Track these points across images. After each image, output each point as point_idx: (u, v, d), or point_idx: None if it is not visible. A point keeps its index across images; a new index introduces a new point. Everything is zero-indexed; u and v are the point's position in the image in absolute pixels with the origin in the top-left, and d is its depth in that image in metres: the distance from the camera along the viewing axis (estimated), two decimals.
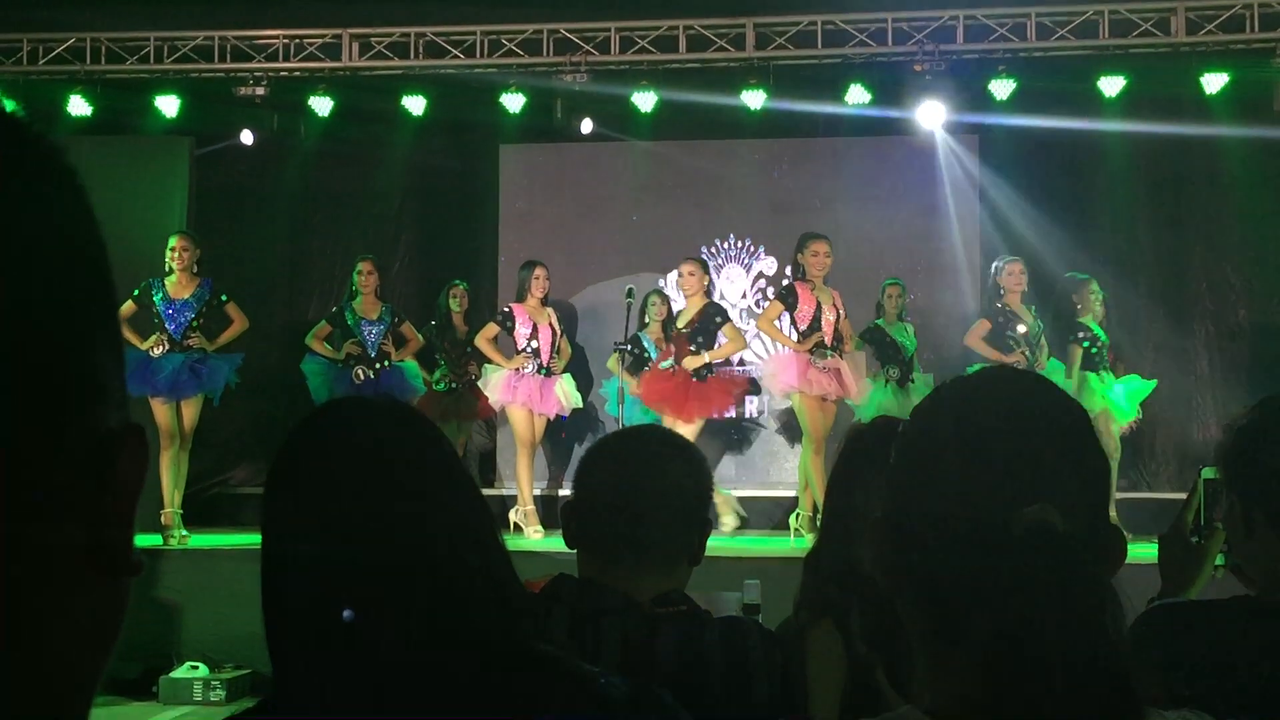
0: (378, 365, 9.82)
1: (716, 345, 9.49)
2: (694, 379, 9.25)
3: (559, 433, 11.00)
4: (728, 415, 10.17)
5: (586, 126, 11.07)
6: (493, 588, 1.52)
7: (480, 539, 1.53)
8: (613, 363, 9.82)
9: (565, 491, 6.94)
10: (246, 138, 11.32)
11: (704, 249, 11.60)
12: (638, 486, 2.24)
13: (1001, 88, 10.18)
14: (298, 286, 12.00)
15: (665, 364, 9.21)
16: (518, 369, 9.54)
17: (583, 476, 2.31)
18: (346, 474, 1.49)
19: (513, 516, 9.62)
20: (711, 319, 9.50)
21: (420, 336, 10.19)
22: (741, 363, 11.43)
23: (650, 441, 2.37)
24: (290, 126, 11.29)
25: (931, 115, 10.59)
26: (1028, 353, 9.28)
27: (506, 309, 9.79)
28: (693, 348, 9.41)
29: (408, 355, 10.06)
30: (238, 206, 11.65)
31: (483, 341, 9.66)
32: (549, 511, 9.90)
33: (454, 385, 10.36)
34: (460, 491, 1.55)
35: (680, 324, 9.41)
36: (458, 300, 10.57)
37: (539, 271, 9.72)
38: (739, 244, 11.62)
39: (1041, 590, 1.16)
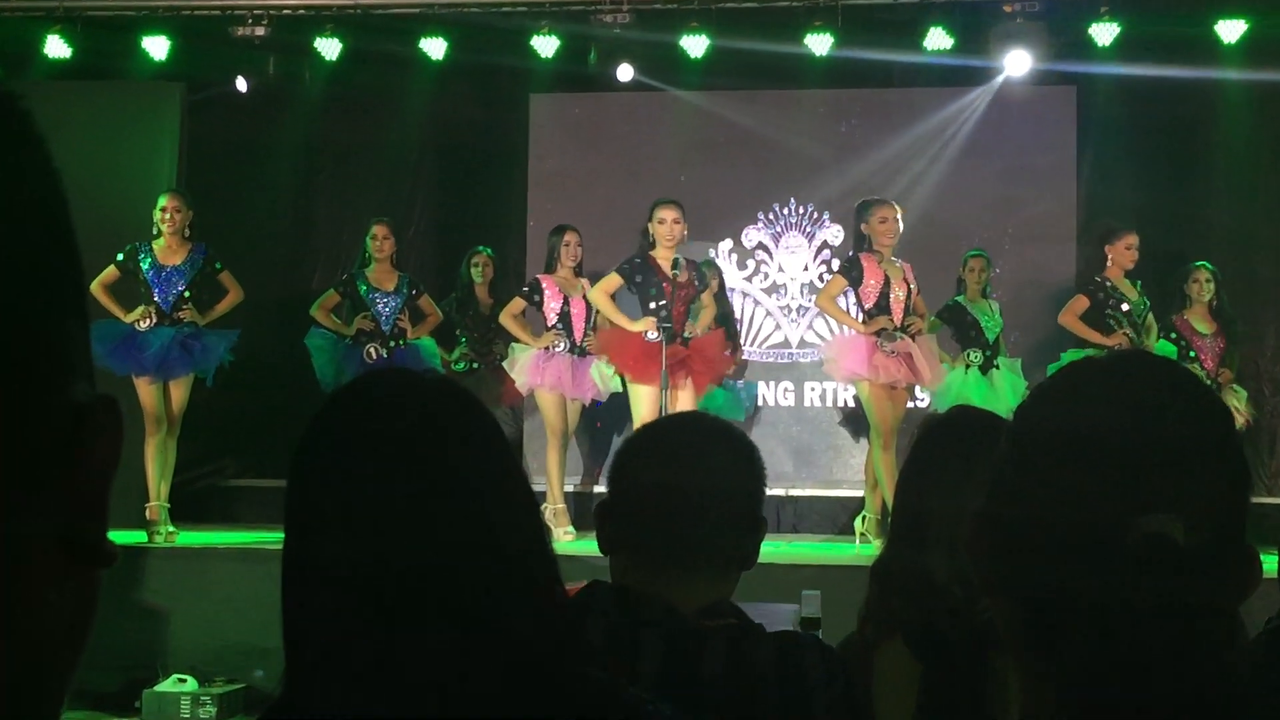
0: (392, 343, 9.86)
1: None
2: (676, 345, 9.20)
3: (594, 421, 10.99)
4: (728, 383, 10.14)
5: (625, 74, 11.06)
6: (536, 599, 1.53)
7: (528, 542, 1.55)
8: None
9: (601, 489, 6.94)
10: (243, 84, 11.38)
11: (760, 214, 11.59)
12: (683, 482, 2.24)
13: (1103, 32, 10.09)
14: (301, 253, 12.07)
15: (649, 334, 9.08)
16: (547, 348, 9.55)
17: (619, 472, 2.31)
18: (388, 459, 1.50)
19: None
20: (701, 274, 9.47)
21: (439, 311, 10.24)
22: (803, 344, 11.41)
23: (696, 430, 2.37)
24: (293, 72, 11.34)
25: (1022, 63, 10.53)
26: (1131, 333, 9.23)
27: (534, 280, 9.82)
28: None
29: (425, 332, 10.09)
30: (234, 162, 11.70)
31: (508, 318, 9.68)
32: (581, 511, 9.92)
33: (475, 366, 10.40)
34: (512, 487, 1.57)
35: (681, 280, 9.33)
36: (481, 270, 10.60)
37: (570, 237, 9.73)
38: (800, 210, 11.61)
39: (1155, 611, 1.15)
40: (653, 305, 9.04)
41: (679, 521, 2.23)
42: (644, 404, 8.78)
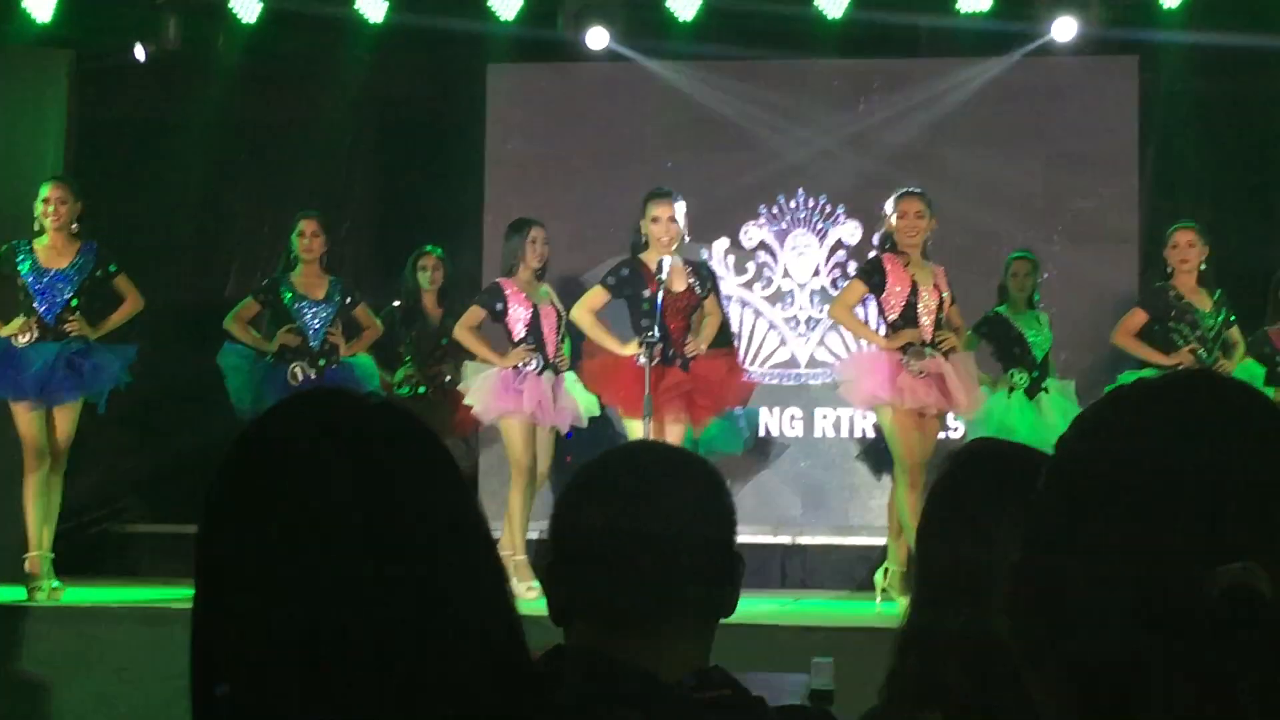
0: (321, 361, 9.87)
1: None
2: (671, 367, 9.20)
3: (563, 455, 11.01)
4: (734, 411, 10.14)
5: (599, 40, 11.10)
6: (495, 666, 1.53)
7: (487, 600, 1.55)
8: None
9: None
10: (142, 52, 11.37)
11: (762, 208, 11.62)
12: (640, 525, 2.24)
13: None
14: (213, 253, 12.07)
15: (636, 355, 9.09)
16: (516, 367, 9.58)
17: (561, 525, 2.31)
18: (319, 501, 1.50)
19: None
20: (704, 279, 9.49)
21: (378, 323, 10.25)
22: (813, 363, 11.43)
23: (645, 464, 2.37)
24: (204, 36, 11.36)
25: (1072, 28, 10.56)
26: (1201, 351, 9.26)
27: (494, 286, 9.82)
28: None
29: (361, 349, 10.12)
30: (132, 145, 11.73)
31: (465, 332, 9.68)
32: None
33: (422, 389, 10.40)
34: (469, 534, 1.57)
35: (677, 289, 9.34)
36: (429, 274, 10.59)
37: (536, 234, 9.74)
38: (810, 202, 11.68)
39: (1239, 675, 1.15)
40: (645, 321, 9.06)
41: (638, 575, 2.23)
42: None
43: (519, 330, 9.64)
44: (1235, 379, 1.36)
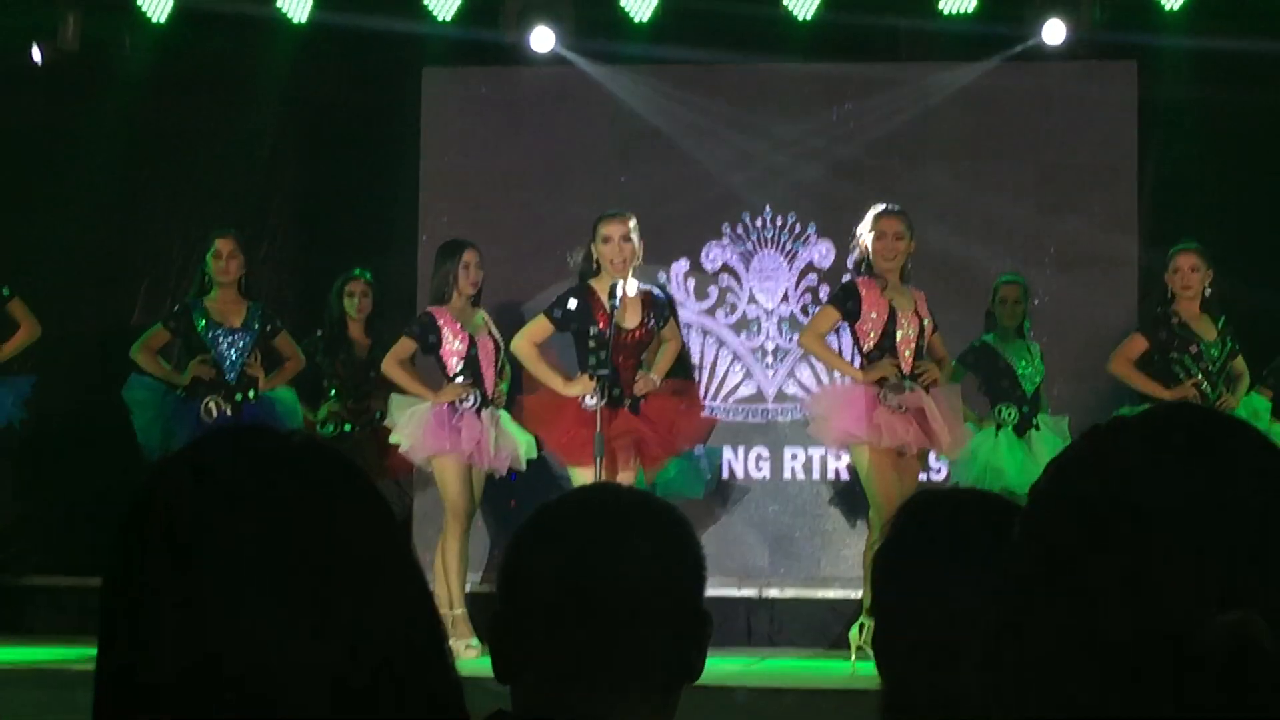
0: (239, 395, 9.85)
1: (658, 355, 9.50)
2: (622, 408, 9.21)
3: (507, 500, 10.99)
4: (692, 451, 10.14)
5: (544, 41, 11.12)
6: None
7: (423, 659, 1.54)
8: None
9: None
10: (39, 54, 11.37)
11: (726, 228, 11.62)
12: (595, 578, 2.24)
13: None
14: (119, 276, 12.01)
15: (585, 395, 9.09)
16: (453, 404, 9.58)
17: (511, 573, 2.30)
18: (235, 550, 1.48)
19: None
20: (661, 313, 9.50)
21: (301, 354, 10.25)
22: (781, 398, 11.44)
23: (605, 508, 2.36)
24: (108, 36, 11.36)
25: (1062, 32, 10.66)
26: (1204, 384, 9.32)
27: (425, 315, 9.82)
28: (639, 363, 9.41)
29: (282, 382, 10.12)
30: (28, 156, 11.71)
31: (393, 366, 9.66)
32: (487, 617, 9.90)
33: (348, 428, 10.43)
34: (404, 587, 1.56)
35: (628, 325, 9.35)
36: (356, 300, 10.61)
37: (469, 257, 9.74)
38: (778, 221, 11.70)
39: None
40: (594, 359, 9.04)
41: (595, 631, 2.21)
42: None
43: (454, 364, 9.64)
44: (1222, 413, 1.37)
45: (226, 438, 1.61)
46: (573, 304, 9.17)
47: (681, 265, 11.61)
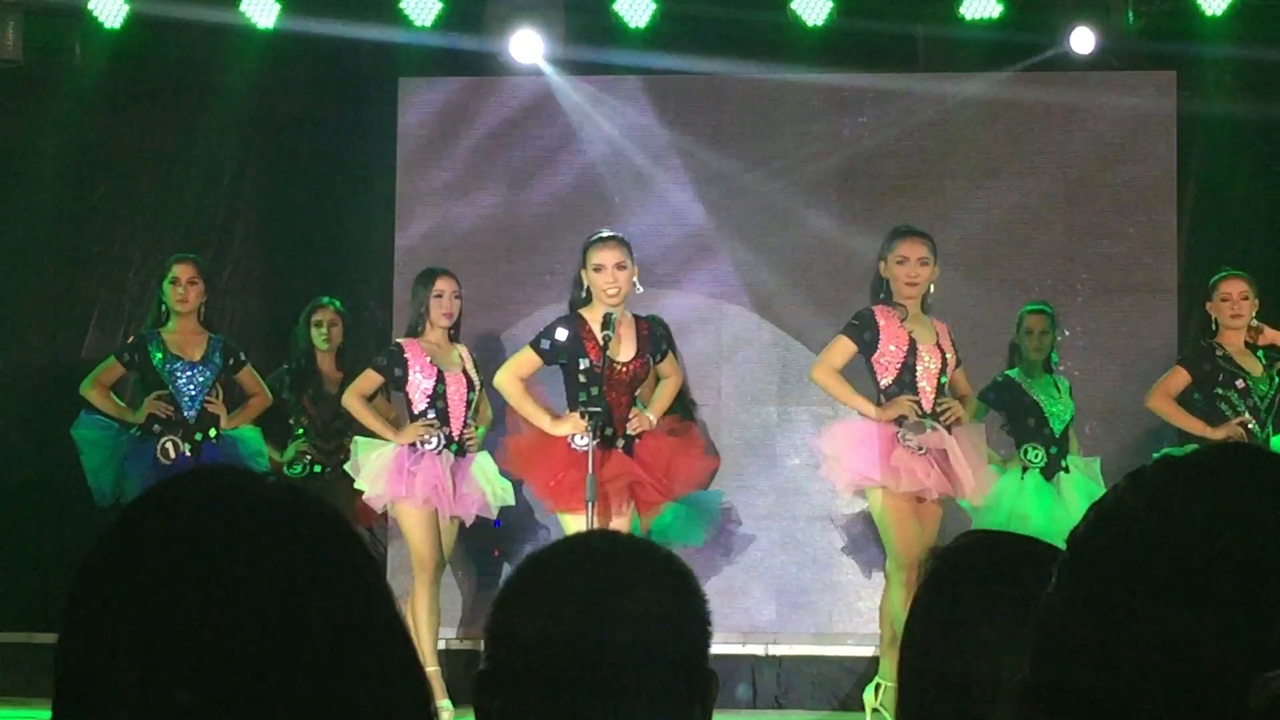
0: (199, 434, 9.86)
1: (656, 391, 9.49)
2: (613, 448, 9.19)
3: (489, 549, 10.99)
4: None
5: (526, 49, 11.14)
6: None
7: (411, 716, 1.54)
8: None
9: None
10: None
11: (727, 250, 11.60)
12: (590, 635, 2.22)
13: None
14: (68, 303, 12.03)
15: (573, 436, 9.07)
16: (414, 445, 9.59)
17: (499, 628, 2.27)
18: (203, 608, 1.48)
19: None
20: (659, 345, 9.48)
21: (267, 390, 10.27)
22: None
23: (602, 558, 2.33)
24: (57, 43, 11.39)
25: (1090, 41, 10.72)
26: (1251, 422, 9.33)
27: (394, 347, 9.85)
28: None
29: (246, 420, 10.15)
30: None
31: (354, 400, 9.70)
32: (466, 675, 9.87)
33: (318, 469, 10.46)
34: (389, 645, 1.55)
35: (622, 358, 9.31)
36: (325, 331, 10.64)
37: (444, 285, 9.77)
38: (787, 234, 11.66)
39: None
40: (584, 396, 9.00)
41: (588, 691, 2.20)
42: None
43: (419, 401, 9.67)
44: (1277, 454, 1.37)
45: (195, 482, 1.60)
46: (562, 334, 9.14)
47: (678, 293, 11.54)
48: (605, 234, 9.31)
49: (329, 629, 1.50)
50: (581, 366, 9.05)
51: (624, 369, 9.16)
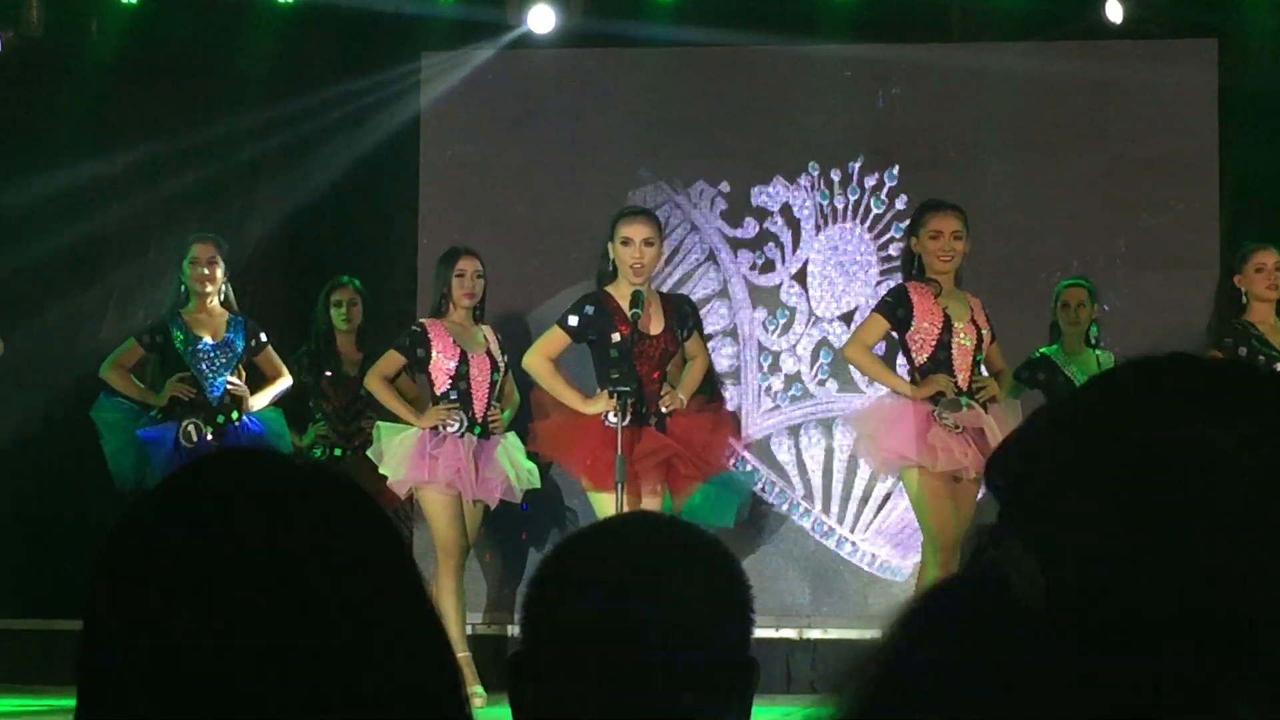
0: (220, 417, 9.90)
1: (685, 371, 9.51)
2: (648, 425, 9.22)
3: (518, 532, 11.00)
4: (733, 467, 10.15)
5: (542, 20, 11.22)
6: None
7: (440, 699, 1.54)
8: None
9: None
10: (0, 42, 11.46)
11: (754, 222, 11.62)
12: (629, 620, 2.21)
13: None
14: (86, 284, 12.04)
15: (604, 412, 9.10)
16: (435, 428, 9.61)
17: (533, 612, 2.27)
18: (228, 594, 1.48)
19: None
20: (686, 321, 9.49)
21: (287, 371, 10.31)
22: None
23: (642, 541, 2.34)
24: (75, 21, 11.46)
25: (1119, 11, 10.78)
26: None
27: (417, 328, 9.86)
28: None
29: (269, 401, 10.17)
30: None
31: (376, 382, 9.72)
32: (493, 661, 9.90)
33: (339, 452, 10.52)
34: (420, 631, 1.55)
35: (651, 332, 9.32)
36: (345, 311, 10.71)
37: (466, 265, 9.79)
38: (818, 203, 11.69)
39: None
40: (615, 373, 9.01)
41: (628, 678, 2.19)
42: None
43: (442, 383, 9.71)
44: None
45: (224, 461, 1.61)
46: (589, 310, 9.16)
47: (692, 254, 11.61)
48: (635, 208, 9.33)
49: (356, 613, 1.50)
50: (613, 341, 9.05)
51: (654, 343, 9.18)
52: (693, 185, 11.52)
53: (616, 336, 9.08)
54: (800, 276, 11.55)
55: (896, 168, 11.43)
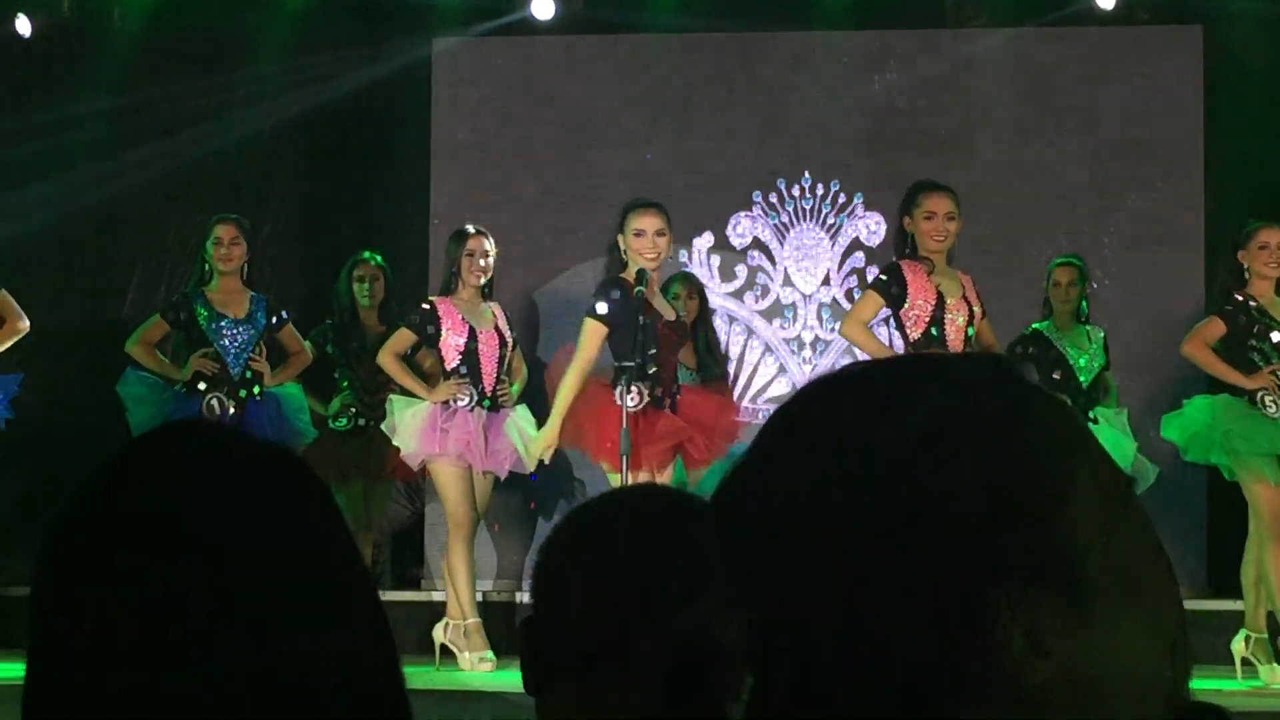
0: (243, 391, 9.96)
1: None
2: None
3: (527, 502, 11.07)
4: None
5: (543, 7, 11.36)
6: None
7: (373, 688, 1.56)
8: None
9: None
10: (26, 25, 11.60)
11: (758, 197, 11.74)
12: (644, 584, 2.20)
13: None
14: (112, 263, 12.16)
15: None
16: (446, 402, 9.70)
17: (546, 576, 2.26)
18: (167, 560, 1.49)
19: (440, 636, 9.80)
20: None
21: (308, 347, 10.37)
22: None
23: (655, 508, 2.34)
24: (98, 8, 11.55)
25: None
26: None
27: (428, 305, 9.92)
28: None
29: (289, 376, 10.22)
30: (13, 135, 11.80)
31: (389, 358, 9.81)
32: (503, 627, 10.06)
33: (363, 422, 10.59)
34: (356, 602, 1.57)
35: (667, 317, 9.34)
36: (368, 286, 10.77)
37: (476, 244, 9.84)
38: (819, 190, 11.81)
39: None
40: (632, 360, 8.95)
41: (636, 644, 2.15)
42: None
43: (452, 358, 9.77)
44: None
45: (177, 435, 1.64)
46: (616, 294, 9.12)
47: (705, 240, 11.70)
48: (645, 200, 9.33)
49: (293, 582, 1.52)
50: (641, 323, 9.03)
51: (671, 329, 9.21)
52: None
53: (643, 319, 9.05)
54: (787, 279, 11.70)
55: (893, 149, 11.52)
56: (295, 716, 1.49)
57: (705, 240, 11.66)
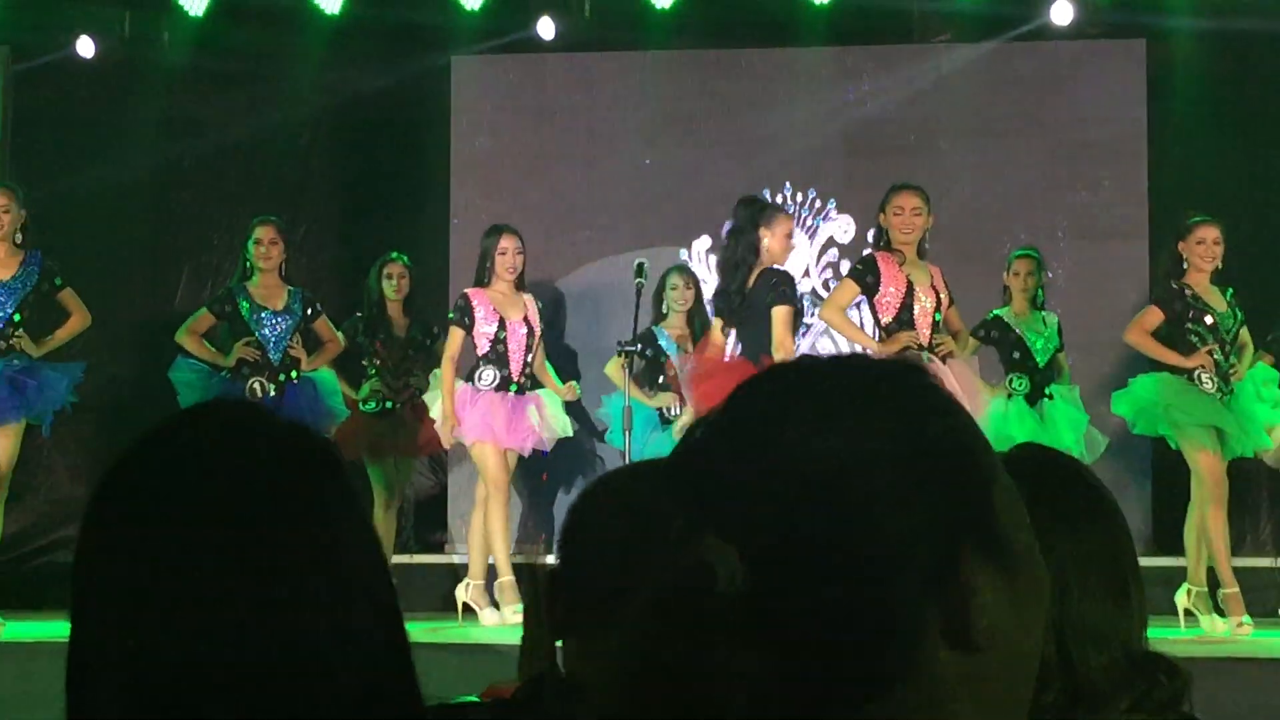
0: (282, 376, 10.11)
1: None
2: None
3: (539, 475, 11.44)
4: None
5: (547, 29, 11.57)
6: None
7: (378, 650, 1.55)
8: (613, 369, 10.32)
9: (549, 560, 7.27)
10: (88, 48, 11.76)
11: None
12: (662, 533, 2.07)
13: None
14: (164, 262, 12.25)
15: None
16: (472, 384, 9.91)
17: (574, 532, 2.28)
18: (194, 528, 1.49)
19: (462, 595, 10.00)
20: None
21: (340, 337, 10.51)
22: None
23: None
24: (150, 31, 11.73)
25: (1069, 13, 11.08)
26: (1216, 353, 9.62)
27: (462, 298, 10.10)
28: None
29: (323, 362, 10.35)
30: (75, 148, 11.96)
31: (449, 362, 9.94)
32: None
33: (390, 405, 10.76)
34: (368, 578, 1.56)
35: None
36: (395, 282, 10.90)
37: (507, 243, 10.02)
38: (800, 197, 11.97)
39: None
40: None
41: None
42: None
43: (483, 345, 9.97)
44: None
45: (207, 415, 1.62)
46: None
47: (703, 242, 11.83)
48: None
49: (294, 560, 1.51)
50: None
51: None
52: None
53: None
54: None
55: (868, 155, 11.69)
56: (304, 684, 1.48)
57: (703, 242, 11.79)
